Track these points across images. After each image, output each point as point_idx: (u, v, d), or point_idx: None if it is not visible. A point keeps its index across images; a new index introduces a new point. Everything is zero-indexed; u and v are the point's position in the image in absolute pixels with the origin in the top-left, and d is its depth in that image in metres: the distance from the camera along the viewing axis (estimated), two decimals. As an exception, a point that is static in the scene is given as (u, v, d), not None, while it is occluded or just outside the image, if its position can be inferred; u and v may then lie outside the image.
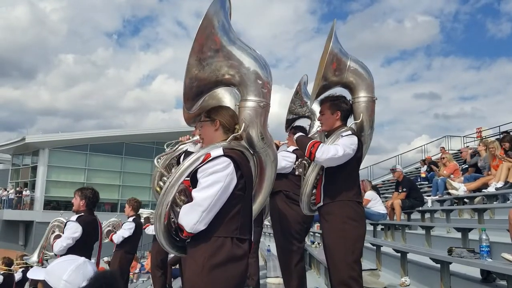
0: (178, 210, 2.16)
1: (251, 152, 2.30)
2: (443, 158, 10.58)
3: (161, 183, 2.20)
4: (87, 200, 4.58)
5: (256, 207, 2.49)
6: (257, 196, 2.43)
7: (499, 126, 18.12)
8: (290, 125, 4.22)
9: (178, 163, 2.63)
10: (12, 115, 76.61)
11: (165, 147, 2.86)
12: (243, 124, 2.22)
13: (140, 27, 78.32)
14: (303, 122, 4.27)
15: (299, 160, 3.31)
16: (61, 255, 3.95)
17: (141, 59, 72.08)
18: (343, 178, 3.02)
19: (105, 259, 13.05)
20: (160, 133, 28.14)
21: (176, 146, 2.63)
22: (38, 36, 58.14)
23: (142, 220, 6.77)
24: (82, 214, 4.51)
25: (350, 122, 3.27)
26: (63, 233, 4.48)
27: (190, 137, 3.01)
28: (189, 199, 2.13)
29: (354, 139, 2.99)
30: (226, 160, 2.05)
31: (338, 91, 3.34)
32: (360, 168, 3.32)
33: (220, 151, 2.09)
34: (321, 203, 3.08)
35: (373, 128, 3.26)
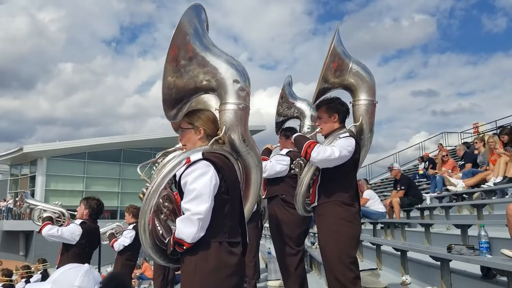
0: (163, 217, 2.17)
1: (235, 156, 2.29)
2: (445, 156, 10.56)
3: (144, 190, 2.18)
4: (91, 210, 4.67)
5: (245, 213, 2.47)
6: (245, 202, 2.42)
7: (495, 120, 18.21)
8: (280, 128, 4.22)
9: None
10: (12, 125, 76.65)
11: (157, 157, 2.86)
12: (224, 127, 2.23)
13: (137, 34, 78.48)
14: (292, 123, 4.27)
15: (296, 159, 3.30)
16: (62, 265, 3.95)
17: (139, 65, 72.14)
18: (338, 179, 3.01)
19: (109, 269, 12.99)
20: (158, 138, 28.07)
21: (161, 154, 2.63)
22: (37, 46, 58.32)
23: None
24: (86, 222, 4.56)
25: (349, 123, 3.25)
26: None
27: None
28: (174, 205, 2.13)
29: (352, 141, 2.97)
30: (206, 164, 2.04)
31: (339, 93, 3.34)
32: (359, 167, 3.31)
33: (199, 155, 2.08)
34: (315, 203, 3.07)
35: (372, 131, 3.24)
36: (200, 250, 2.00)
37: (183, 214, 2.01)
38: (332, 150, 2.86)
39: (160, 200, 2.18)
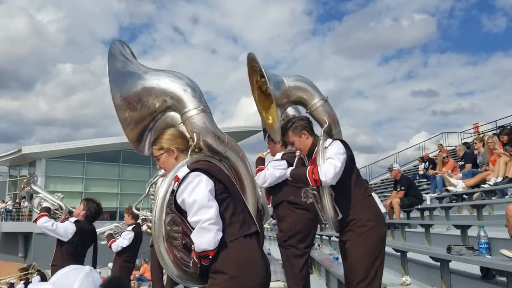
0: (177, 242, 2.15)
1: (217, 158, 2.30)
2: (446, 157, 10.54)
3: (148, 226, 2.21)
4: (88, 213, 4.68)
5: (251, 209, 2.45)
6: (245, 198, 2.40)
7: (495, 120, 18.21)
8: (267, 133, 4.22)
9: None
10: (11, 126, 76.57)
11: (146, 187, 2.90)
12: (194, 134, 2.22)
13: (137, 34, 78.47)
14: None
15: (304, 190, 3.16)
16: (62, 267, 3.96)
17: (138, 66, 72.09)
18: (347, 182, 3.00)
19: (110, 264, 12.97)
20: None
21: (148, 187, 2.67)
22: (36, 47, 58.28)
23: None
24: (80, 220, 4.59)
25: (317, 130, 3.25)
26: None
27: None
28: (182, 226, 2.12)
29: (338, 143, 2.98)
30: (195, 174, 2.03)
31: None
32: (358, 167, 3.29)
33: (185, 169, 2.06)
34: (340, 215, 3.05)
35: (338, 124, 3.26)
36: (221, 254, 1.98)
37: (194, 228, 1.98)
38: (333, 164, 2.86)
39: (168, 227, 2.17)
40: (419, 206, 8.19)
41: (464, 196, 7.88)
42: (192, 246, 2.02)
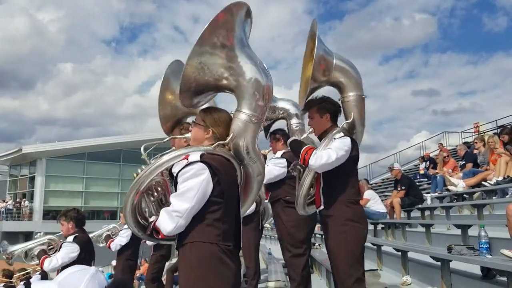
0: (153, 199, 2.27)
1: (238, 161, 2.28)
2: (446, 156, 10.54)
3: (139, 170, 2.22)
4: (75, 221, 4.50)
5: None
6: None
7: (496, 120, 18.19)
8: (268, 131, 4.22)
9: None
10: (11, 125, 76.60)
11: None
12: (231, 134, 2.22)
13: (137, 33, 78.37)
14: (280, 124, 4.25)
15: (294, 163, 3.28)
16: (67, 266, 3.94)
17: (139, 65, 72.11)
18: (341, 179, 3.00)
19: (113, 263, 12.99)
20: (158, 138, 27.91)
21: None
22: (36, 46, 58.26)
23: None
24: (77, 234, 4.44)
25: (341, 121, 3.22)
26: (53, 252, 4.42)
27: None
28: (165, 193, 2.26)
29: (347, 140, 2.96)
30: (202, 166, 2.06)
31: (325, 90, 3.31)
32: (359, 167, 3.30)
33: (197, 156, 2.11)
34: (322, 207, 3.06)
35: (364, 125, 3.23)
36: (196, 249, 2.03)
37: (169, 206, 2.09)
38: (328, 154, 2.85)
39: (154, 183, 2.26)
40: (420, 206, 8.19)
41: (464, 195, 7.88)
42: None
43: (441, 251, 4.17)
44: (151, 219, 2.23)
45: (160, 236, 2.08)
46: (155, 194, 2.29)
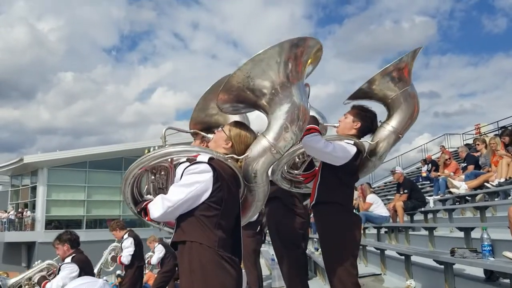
0: (153, 178, 2.38)
1: (245, 182, 2.30)
2: (448, 159, 10.52)
3: (152, 149, 2.32)
4: (70, 242, 4.55)
5: None
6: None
7: (497, 121, 18.18)
8: None
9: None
10: (12, 135, 76.75)
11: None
12: (247, 153, 2.25)
13: (137, 41, 78.63)
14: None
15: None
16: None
17: (140, 73, 72.30)
18: (339, 179, 2.98)
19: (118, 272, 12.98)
20: (159, 145, 27.92)
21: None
22: (37, 56, 58.58)
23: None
24: (74, 255, 4.46)
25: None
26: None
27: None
28: (167, 177, 2.37)
29: (352, 148, 2.94)
30: (207, 168, 2.11)
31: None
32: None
33: (206, 158, 2.16)
34: (314, 201, 3.06)
35: (381, 160, 3.14)
36: (195, 253, 2.05)
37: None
38: (325, 144, 2.80)
39: (160, 165, 2.37)
40: (423, 209, 8.17)
41: (467, 198, 7.86)
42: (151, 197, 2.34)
43: (444, 254, 4.16)
44: (145, 197, 2.38)
45: (147, 218, 2.20)
46: (157, 175, 2.40)
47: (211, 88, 2.75)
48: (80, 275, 4.28)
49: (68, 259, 4.40)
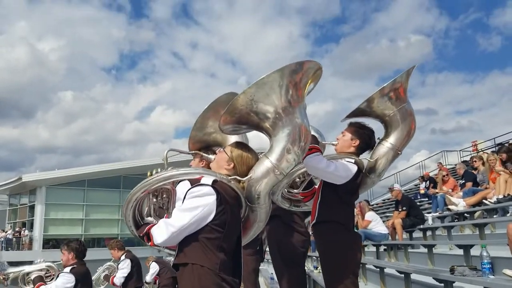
0: (155, 201, 2.38)
1: (247, 203, 2.31)
2: (446, 175, 10.53)
3: (154, 172, 2.29)
4: (76, 252, 4.54)
5: None
6: None
7: (494, 138, 18.25)
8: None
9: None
10: (12, 154, 76.44)
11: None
12: (250, 175, 2.25)
13: (137, 61, 79.00)
14: None
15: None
16: None
17: (139, 92, 72.54)
18: (339, 198, 2.99)
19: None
20: (158, 164, 27.88)
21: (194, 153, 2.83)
22: (37, 76, 58.70)
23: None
24: (75, 266, 4.45)
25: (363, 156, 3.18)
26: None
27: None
28: (170, 200, 2.36)
29: (353, 167, 2.96)
30: (211, 191, 2.10)
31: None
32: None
33: (210, 180, 2.14)
34: (315, 221, 3.07)
35: (379, 177, 3.17)
36: (196, 274, 2.05)
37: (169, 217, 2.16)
38: (327, 163, 2.82)
39: (162, 188, 2.36)
40: (421, 226, 8.16)
41: (465, 214, 7.86)
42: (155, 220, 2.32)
43: (444, 272, 4.15)
44: (146, 219, 2.36)
45: (150, 244, 2.16)
46: (159, 198, 2.40)
47: (209, 107, 2.78)
48: (76, 287, 4.28)
49: (68, 269, 4.39)
